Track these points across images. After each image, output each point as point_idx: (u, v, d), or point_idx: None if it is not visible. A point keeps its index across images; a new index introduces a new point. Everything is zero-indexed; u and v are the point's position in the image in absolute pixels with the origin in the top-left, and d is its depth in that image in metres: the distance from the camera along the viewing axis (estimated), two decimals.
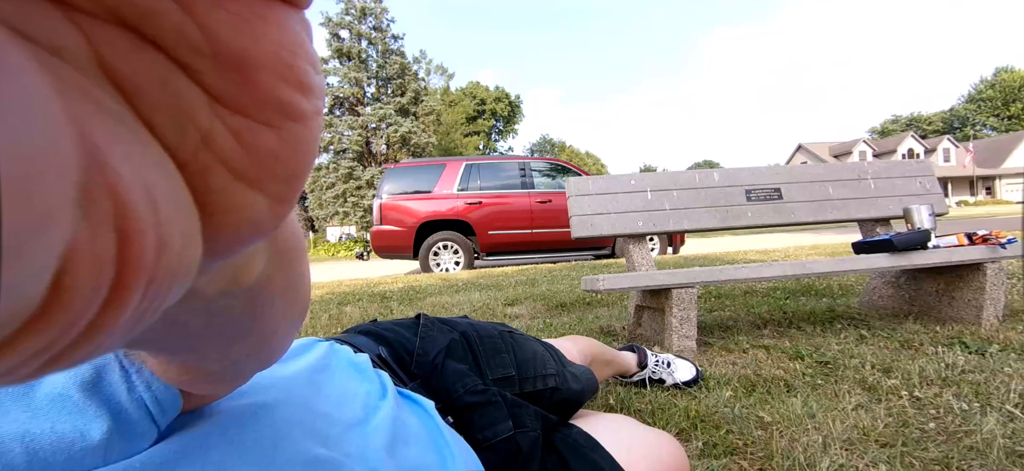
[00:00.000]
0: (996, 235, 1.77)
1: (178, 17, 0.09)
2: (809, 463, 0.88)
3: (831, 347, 1.63)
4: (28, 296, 0.08)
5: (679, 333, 1.65)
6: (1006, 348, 1.49)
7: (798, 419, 1.06)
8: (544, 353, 0.72)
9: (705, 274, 1.67)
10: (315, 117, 0.12)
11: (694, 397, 1.24)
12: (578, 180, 2.02)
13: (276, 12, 0.11)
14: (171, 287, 0.10)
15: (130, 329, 0.10)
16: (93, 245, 0.08)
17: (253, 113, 0.11)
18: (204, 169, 0.11)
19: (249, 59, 0.10)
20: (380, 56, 28.59)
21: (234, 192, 0.11)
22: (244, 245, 0.13)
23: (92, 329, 0.09)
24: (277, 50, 0.11)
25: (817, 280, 3.11)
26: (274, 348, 0.23)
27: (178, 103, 0.10)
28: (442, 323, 0.65)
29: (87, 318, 0.09)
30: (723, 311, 2.40)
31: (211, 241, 0.11)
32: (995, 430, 0.95)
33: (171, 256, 0.10)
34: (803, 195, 2.10)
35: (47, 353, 0.09)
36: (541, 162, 7.10)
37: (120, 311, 0.09)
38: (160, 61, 0.10)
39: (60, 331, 0.09)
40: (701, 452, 0.96)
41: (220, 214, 0.11)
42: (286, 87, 0.11)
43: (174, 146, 0.10)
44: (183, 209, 0.10)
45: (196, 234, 0.11)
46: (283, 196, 0.12)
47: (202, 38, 0.10)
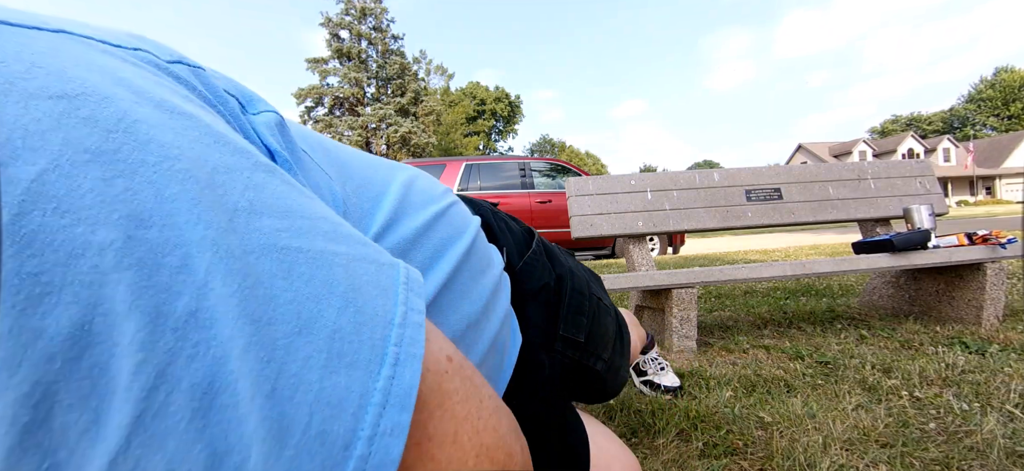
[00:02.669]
0: (996, 235, 1.77)
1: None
2: (809, 463, 0.88)
3: (831, 347, 1.62)
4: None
5: (679, 333, 1.65)
6: (1006, 348, 1.49)
7: (798, 419, 1.06)
8: (614, 337, 0.70)
9: (705, 274, 1.67)
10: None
11: (694, 397, 1.24)
12: (578, 180, 2.02)
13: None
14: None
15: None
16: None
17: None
18: None
19: None
20: (380, 56, 28.60)
21: None
22: None
23: None
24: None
25: (817, 280, 3.11)
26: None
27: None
28: (547, 256, 0.61)
29: None
30: (723, 311, 2.40)
31: None
32: (995, 430, 0.95)
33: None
34: (803, 195, 2.10)
35: None
36: (541, 162, 7.10)
37: None
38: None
39: None
40: (701, 452, 0.96)
41: None
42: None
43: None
44: None
45: None
46: None
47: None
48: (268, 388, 0.17)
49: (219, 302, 0.17)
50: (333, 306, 0.19)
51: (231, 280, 0.17)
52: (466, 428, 0.23)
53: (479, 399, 0.25)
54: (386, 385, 0.20)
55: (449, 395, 0.23)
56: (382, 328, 0.21)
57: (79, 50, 0.19)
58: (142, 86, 0.20)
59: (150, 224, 0.16)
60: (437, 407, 0.22)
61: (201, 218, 0.17)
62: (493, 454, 0.23)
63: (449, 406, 0.23)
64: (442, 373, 0.23)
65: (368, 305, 0.21)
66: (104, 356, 0.15)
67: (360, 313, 0.20)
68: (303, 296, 0.19)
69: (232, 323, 0.17)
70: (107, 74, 0.19)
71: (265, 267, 0.18)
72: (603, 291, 0.73)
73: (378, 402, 0.19)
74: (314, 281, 0.19)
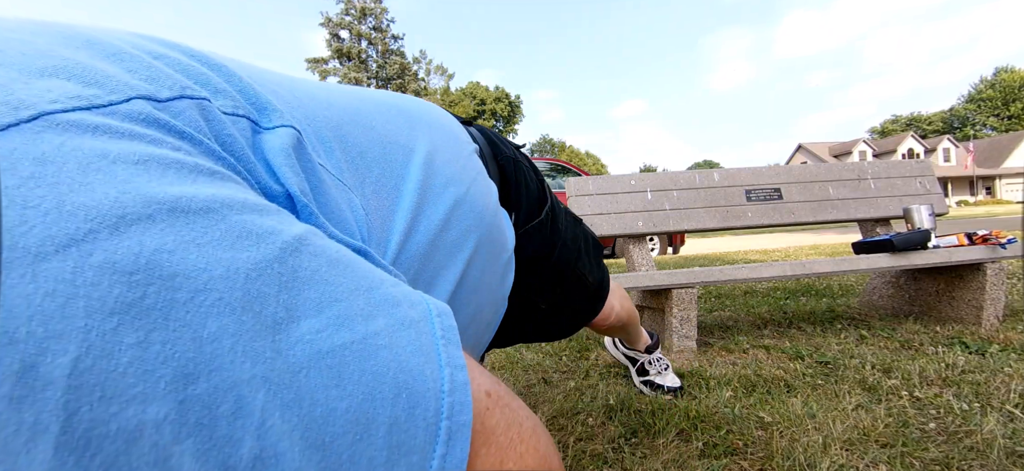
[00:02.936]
0: (996, 235, 1.77)
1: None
2: (809, 463, 0.88)
3: (831, 347, 1.62)
4: None
5: (679, 333, 1.65)
6: (1006, 348, 1.49)
7: (798, 419, 1.06)
8: (580, 303, 0.75)
9: (705, 274, 1.67)
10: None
11: (694, 397, 1.24)
12: (578, 180, 2.02)
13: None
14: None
15: None
16: None
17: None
18: None
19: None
20: (380, 56, 28.58)
21: None
22: None
23: None
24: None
25: (817, 280, 3.11)
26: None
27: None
28: (551, 227, 0.61)
29: None
30: (723, 311, 2.40)
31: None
32: (995, 430, 0.95)
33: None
34: (803, 195, 2.10)
35: None
36: (541, 162, 7.09)
37: None
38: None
39: None
40: (701, 452, 0.96)
41: None
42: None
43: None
44: None
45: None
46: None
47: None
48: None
49: (281, 438, 0.17)
50: (386, 398, 0.20)
51: (288, 412, 0.17)
52: (511, 455, 0.24)
53: (519, 425, 0.26)
54: (440, 464, 0.21)
55: (493, 430, 0.24)
56: (434, 401, 0.21)
57: (69, 156, 0.16)
58: (147, 190, 0.17)
59: (197, 377, 0.16)
60: (482, 445, 0.23)
61: (246, 352, 0.17)
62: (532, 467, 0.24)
63: (493, 440, 0.24)
64: (484, 411, 0.24)
65: (416, 383, 0.21)
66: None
67: (412, 395, 0.21)
68: (358, 400, 0.19)
69: (298, 456, 0.17)
70: (109, 185, 0.16)
71: (317, 382, 0.18)
72: (591, 260, 0.74)
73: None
74: (364, 377, 0.20)
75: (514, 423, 0.25)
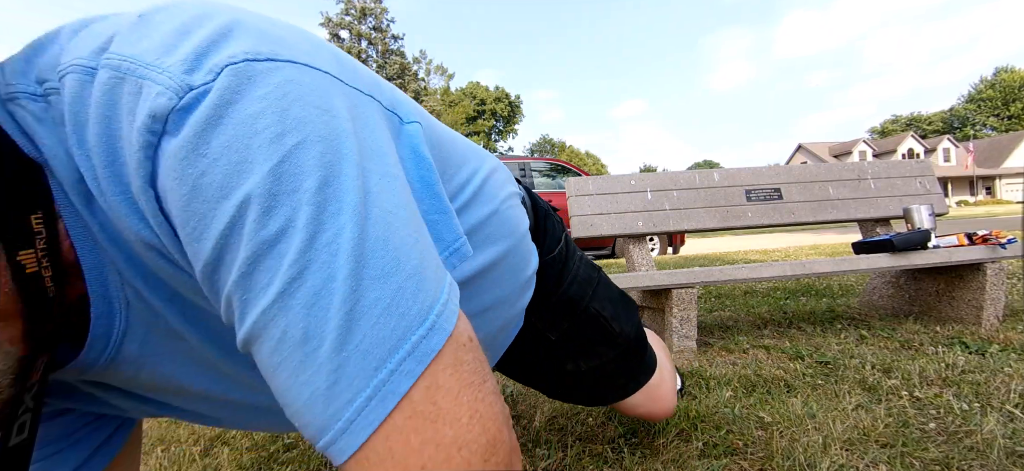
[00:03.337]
0: (996, 235, 1.77)
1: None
2: (809, 463, 0.88)
3: (831, 347, 1.62)
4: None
5: (679, 333, 1.65)
6: (1006, 348, 1.49)
7: (798, 419, 1.06)
8: (610, 362, 0.77)
9: (705, 274, 1.67)
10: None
11: (694, 397, 1.24)
12: (578, 180, 2.02)
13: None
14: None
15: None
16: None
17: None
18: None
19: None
20: (380, 56, 28.59)
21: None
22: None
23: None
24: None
25: (817, 280, 3.11)
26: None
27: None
28: (563, 265, 0.72)
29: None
30: (723, 311, 2.40)
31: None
32: (995, 430, 0.95)
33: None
34: (803, 195, 2.10)
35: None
36: (541, 162, 7.10)
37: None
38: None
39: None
40: (701, 452, 0.96)
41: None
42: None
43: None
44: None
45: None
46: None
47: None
48: (349, 307, 0.26)
49: (346, 227, 0.27)
50: (406, 269, 0.28)
51: (359, 219, 0.27)
52: (468, 392, 0.29)
53: (484, 379, 0.30)
54: (417, 341, 0.27)
55: (463, 363, 0.29)
56: (432, 299, 0.29)
57: (336, 88, 0.31)
58: (353, 115, 0.31)
59: (330, 181, 0.27)
60: (451, 365, 0.29)
61: (358, 187, 0.28)
62: (485, 422, 0.28)
63: (461, 370, 0.29)
64: (462, 344, 0.30)
65: (427, 280, 0.29)
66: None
67: (421, 282, 0.29)
68: (392, 251, 0.28)
69: (347, 252, 0.27)
70: (342, 107, 0.30)
71: (380, 222, 0.28)
72: (612, 306, 0.77)
73: (409, 349, 0.27)
74: (402, 246, 0.29)
75: (481, 374, 0.30)
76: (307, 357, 0.26)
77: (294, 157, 0.27)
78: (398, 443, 0.26)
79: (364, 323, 0.26)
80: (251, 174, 0.26)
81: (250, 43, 0.28)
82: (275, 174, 0.26)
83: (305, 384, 0.26)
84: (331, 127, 0.28)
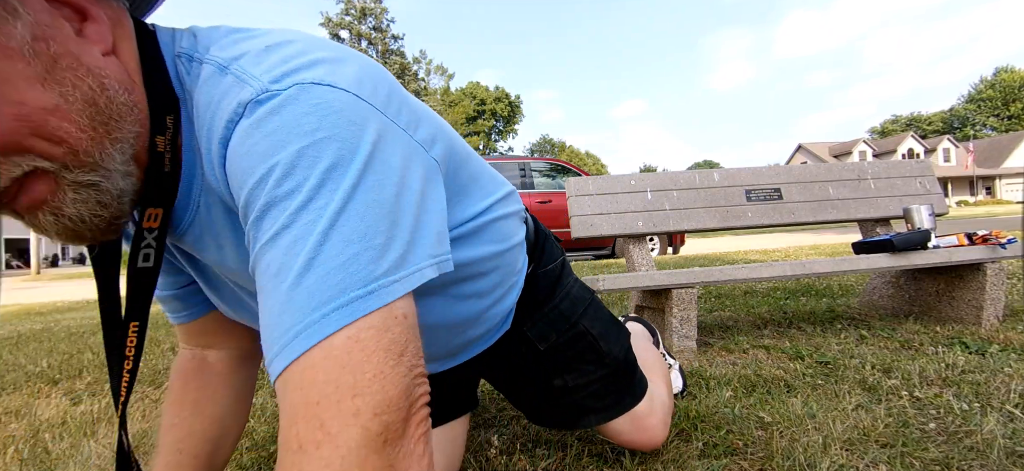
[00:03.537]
0: (996, 235, 1.77)
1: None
2: (809, 463, 0.88)
3: (831, 347, 1.62)
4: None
5: (679, 333, 1.65)
6: (1006, 348, 1.49)
7: (798, 419, 1.06)
8: (598, 379, 0.81)
9: (705, 274, 1.67)
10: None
11: (694, 397, 1.24)
12: (578, 180, 2.02)
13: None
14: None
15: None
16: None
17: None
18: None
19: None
20: (380, 56, 28.59)
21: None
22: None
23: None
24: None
25: (817, 280, 3.11)
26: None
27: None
28: (556, 280, 0.80)
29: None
30: (723, 311, 2.40)
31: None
32: (995, 430, 0.95)
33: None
34: (803, 195, 2.10)
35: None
36: (541, 162, 7.10)
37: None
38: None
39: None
40: (701, 452, 0.96)
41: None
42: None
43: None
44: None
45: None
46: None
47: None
48: (312, 256, 0.34)
49: (332, 207, 0.35)
50: (367, 246, 0.35)
51: (342, 203, 0.35)
52: (381, 355, 0.34)
53: (402, 356, 0.35)
54: (354, 298, 0.34)
55: (388, 332, 0.35)
56: (381, 273, 0.36)
57: (374, 116, 0.41)
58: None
59: (342, 162, 0.37)
60: (377, 330, 0.34)
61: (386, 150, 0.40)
62: (385, 383, 0.33)
63: (383, 339, 0.34)
64: (394, 318, 0.36)
65: (385, 261, 0.36)
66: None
67: (378, 260, 0.36)
68: (359, 231, 0.35)
69: (328, 217, 0.35)
70: (372, 128, 0.40)
71: (355, 209, 0.36)
72: (603, 325, 0.82)
73: (344, 302, 0.34)
74: (370, 230, 0.36)
75: (401, 351, 0.36)
76: (275, 289, 0.34)
77: (318, 146, 0.36)
78: (308, 375, 0.33)
79: (318, 270, 0.34)
80: (285, 149, 0.35)
81: (322, 73, 0.39)
82: (300, 153, 0.35)
83: (268, 310, 0.35)
84: (354, 136, 0.37)
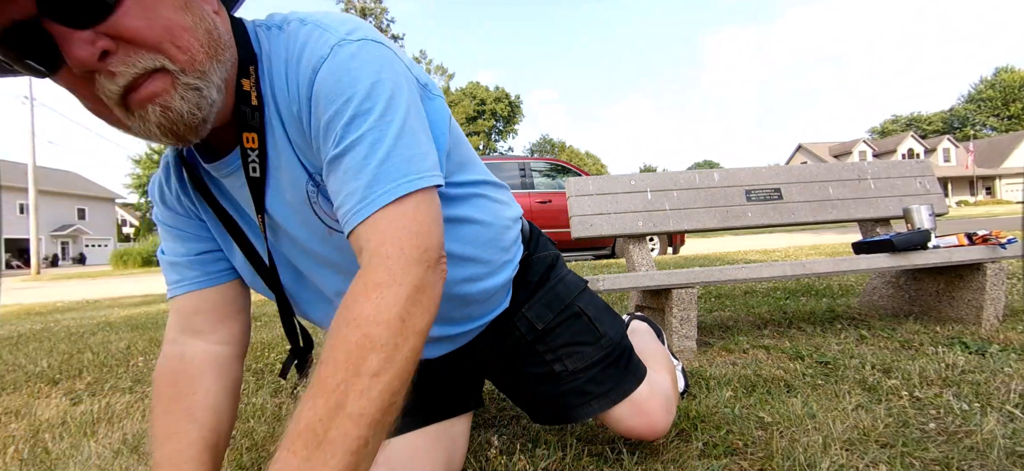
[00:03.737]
0: (996, 235, 1.77)
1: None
2: (809, 463, 0.88)
3: (831, 347, 1.62)
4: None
5: (679, 333, 1.65)
6: (1006, 348, 1.49)
7: (798, 419, 1.06)
8: (594, 362, 0.86)
9: (705, 274, 1.67)
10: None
11: (694, 397, 1.24)
12: (578, 180, 2.02)
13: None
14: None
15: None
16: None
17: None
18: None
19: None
20: None
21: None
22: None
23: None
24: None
25: (817, 280, 3.11)
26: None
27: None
28: (552, 264, 0.91)
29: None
30: (723, 311, 2.40)
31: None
32: (995, 430, 0.95)
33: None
34: (803, 195, 2.10)
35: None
36: (541, 162, 7.10)
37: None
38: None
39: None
40: (701, 452, 0.96)
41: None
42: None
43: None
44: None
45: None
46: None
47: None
48: (388, 151, 0.53)
49: (395, 125, 0.55)
50: (418, 152, 0.56)
51: (400, 123, 0.55)
52: (429, 212, 0.55)
53: (437, 220, 0.55)
54: (416, 177, 0.54)
55: (429, 202, 0.55)
56: (426, 169, 0.55)
57: (400, 62, 0.60)
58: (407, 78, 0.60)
59: (373, 95, 0.55)
60: (427, 200, 0.55)
61: (400, 105, 0.56)
62: (433, 231, 0.54)
63: (430, 205, 0.55)
64: (432, 193, 0.56)
65: (426, 163, 0.56)
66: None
67: (423, 162, 0.55)
68: (413, 141, 0.56)
69: (395, 130, 0.54)
70: (402, 70, 0.59)
71: (409, 126, 0.56)
72: (598, 309, 0.90)
73: (411, 180, 0.53)
74: (417, 141, 0.56)
75: (438, 215, 0.57)
76: (362, 169, 0.52)
77: (380, 83, 0.54)
78: (393, 215, 0.52)
79: (395, 159, 0.53)
80: (362, 81, 0.53)
81: (372, 33, 0.57)
82: (373, 85, 0.54)
83: (358, 181, 0.52)
84: (397, 75, 0.57)
